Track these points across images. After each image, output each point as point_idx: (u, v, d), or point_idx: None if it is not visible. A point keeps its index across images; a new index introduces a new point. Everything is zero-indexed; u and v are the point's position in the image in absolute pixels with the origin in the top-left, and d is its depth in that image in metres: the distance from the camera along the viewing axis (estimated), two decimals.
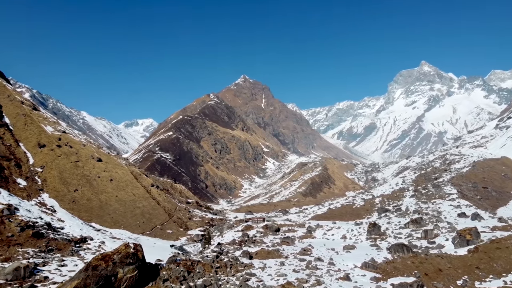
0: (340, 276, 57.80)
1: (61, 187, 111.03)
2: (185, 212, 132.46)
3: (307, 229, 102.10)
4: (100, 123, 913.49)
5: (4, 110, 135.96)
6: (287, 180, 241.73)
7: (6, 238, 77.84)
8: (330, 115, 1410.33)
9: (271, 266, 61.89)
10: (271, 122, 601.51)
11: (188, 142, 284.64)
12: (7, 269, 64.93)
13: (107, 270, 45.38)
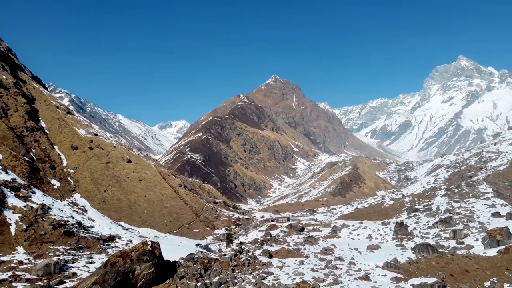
0: (359, 275, 56.89)
1: (92, 188, 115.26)
2: (212, 211, 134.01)
3: (332, 228, 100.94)
4: (135, 126, 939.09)
5: (41, 114, 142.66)
6: (317, 179, 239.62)
7: (39, 236, 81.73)
8: (363, 113, 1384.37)
9: (289, 265, 61.75)
10: (302, 122, 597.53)
11: (218, 143, 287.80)
12: (39, 265, 68.24)
13: (125, 266, 46.81)
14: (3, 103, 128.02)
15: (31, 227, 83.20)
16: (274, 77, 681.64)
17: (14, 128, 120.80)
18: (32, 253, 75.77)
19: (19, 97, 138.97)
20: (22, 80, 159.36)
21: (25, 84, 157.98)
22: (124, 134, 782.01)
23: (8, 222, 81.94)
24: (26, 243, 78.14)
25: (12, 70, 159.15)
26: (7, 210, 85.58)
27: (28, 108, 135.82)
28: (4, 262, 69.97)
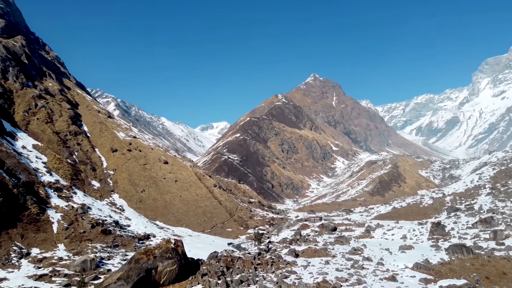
0: (386, 276, 55.45)
1: (129, 188, 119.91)
2: (246, 211, 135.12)
3: (366, 228, 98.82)
4: (178, 128, 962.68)
5: (83, 119, 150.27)
6: (355, 179, 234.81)
7: (79, 234, 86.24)
8: (408, 110, 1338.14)
9: (315, 264, 61.26)
10: (342, 120, 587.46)
11: (255, 143, 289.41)
12: (76, 262, 72.05)
13: (148, 263, 48.49)
14: (49, 109, 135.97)
15: (72, 226, 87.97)
16: (314, 76, 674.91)
17: (59, 133, 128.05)
18: (72, 250, 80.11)
19: (64, 103, 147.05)
20: (66, 87, 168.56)
21: (70, 90, 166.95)
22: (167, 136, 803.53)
23: (51, 221, 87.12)
24: (66, 240, 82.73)
25: (58, 78, 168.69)
26: (50, 209, 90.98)
27: (72, 113, 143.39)
28: (46, 258, 74.49)
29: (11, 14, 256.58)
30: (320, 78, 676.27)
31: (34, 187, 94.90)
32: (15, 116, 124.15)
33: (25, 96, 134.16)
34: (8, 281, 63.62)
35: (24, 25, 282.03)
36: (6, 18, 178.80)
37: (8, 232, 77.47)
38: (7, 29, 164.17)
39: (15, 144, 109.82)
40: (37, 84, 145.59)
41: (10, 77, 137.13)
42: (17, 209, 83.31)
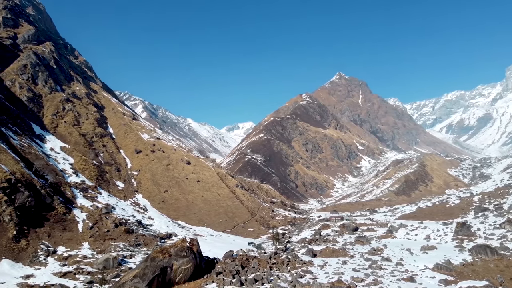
0: (404, 277, 54.38)
1: (153, 188, 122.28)
2: (268, 211, 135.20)
3: (388, 228, 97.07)
4: (204, 129, 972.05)
5: (109, 121, 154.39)
6: (380, 178, 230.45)
7: (103, 233, 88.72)
8: (437, 107, 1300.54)
9: (331, 264, 60.74)
10: (368, 119, 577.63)
11: (278, 143, 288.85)
12: (99, 260, 74.21)
13: (164, 261, 49.39)
14: (76, 112, 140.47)
15: (96, 225, 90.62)
16: (339, 74, 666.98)
17: (85, 135, 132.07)
18: (96, 249, 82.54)
19: (90, 106, 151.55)
20: (93, 90, 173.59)
21: (96, 93, 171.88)
22: (193, 137, 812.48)
23: (77, 220, 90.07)
24: (91, 239, 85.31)
25: (85, 82, 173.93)
26: (76, 209, 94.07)
27: (98, 116, 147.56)
28: (71, 256, 77.09)
29: (43, 21, 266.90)
30: (345, 77, 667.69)
31: (61, 188, 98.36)
32: (44, 119, 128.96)
33: (54, 100, 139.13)
34: (35, 277, 66.26)
35: (55, 31, 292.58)
36: (36, 26, 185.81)
37: (36, 231, 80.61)
38: (37, 36, 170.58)
39: (44, 146, 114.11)
40: (65, 88, 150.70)
41: (40, 82, 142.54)
42: (44, 209, 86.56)
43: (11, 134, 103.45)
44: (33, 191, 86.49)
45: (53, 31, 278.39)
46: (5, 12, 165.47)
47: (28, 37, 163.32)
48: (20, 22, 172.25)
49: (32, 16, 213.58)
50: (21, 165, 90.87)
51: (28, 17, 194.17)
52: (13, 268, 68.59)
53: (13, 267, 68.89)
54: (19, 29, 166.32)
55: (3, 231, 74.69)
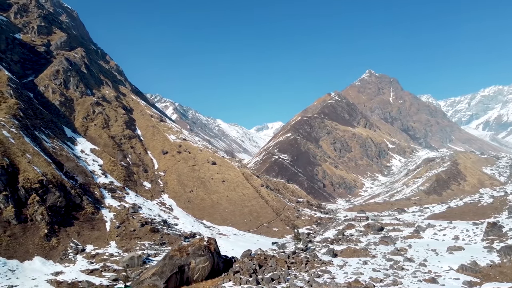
0: (426, 278, 53.05)
1: (178, 189, 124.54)
2: (294, 211, 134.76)
3: (415, 228, 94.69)
4: (233, 129, 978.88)
5: (137, 123, 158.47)
6: (411, 177, 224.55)
7: (129, 232, 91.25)
8: (474, 103, 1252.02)
9: (351, 264, 60.02)
10: (400, 117, 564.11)
11: (306, 143, 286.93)
12: (125, 258, 76.39)
13: (181, 260, 50.38)
14: (106, 115, 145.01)
15: (123, 224, 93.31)
16: (369, 72, 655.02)
17: (114, 137, 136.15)
18: (122, 247, 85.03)
19: (119, 109, 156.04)
20: (122, 93, 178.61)
21: (125, 96, 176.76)
22: (223, 137, 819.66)
23: (104, 220, 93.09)
24: (118, 238, 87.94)
25: (114, 85, 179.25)
26: (104, 209, 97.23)
27: (126, 118, 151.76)
28: (99, 254, 79.80)
29: (76, 28, 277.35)
30: (375, 74, 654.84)
31: (90, 188, 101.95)
32: (75, 122, 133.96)
33: (84, 104, 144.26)
34: (63, 274, 69.07)
35: (87, 37, 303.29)
36: (68, 32, 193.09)
37: (66, 229, 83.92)
38: (69, 42, 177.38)
39: (75, 149, 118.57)
40: (95, 92, 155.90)
41: (71, 87, 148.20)
42: (74, 208, 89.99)
43: (44, 137, 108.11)
44: (63, 191, 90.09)
45: (86, 37, 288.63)
46: (39, 21, 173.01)
47: (60, 44, 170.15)
48: (53, 29, 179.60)
49: (65, 23, 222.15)
50: (53, 167, 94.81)
51: (61, 24, 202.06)
52: (44, 265, 71.76)
53: (44, 264, 72.07)
54: (52, 36, 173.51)
55: (35, 230, 78.25)
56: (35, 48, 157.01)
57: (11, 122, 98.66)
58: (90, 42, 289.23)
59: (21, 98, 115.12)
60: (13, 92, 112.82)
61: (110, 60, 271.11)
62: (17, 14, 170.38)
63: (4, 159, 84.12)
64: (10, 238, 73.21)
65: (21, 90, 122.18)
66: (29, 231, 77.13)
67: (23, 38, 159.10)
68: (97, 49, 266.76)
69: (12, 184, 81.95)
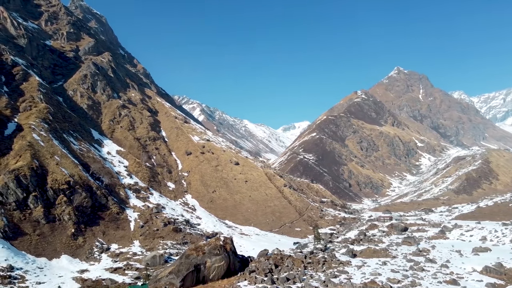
0: (446, 279, 51.55)
1: (201, 189, 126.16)
2: (317, 211, 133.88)
3: (441, 229, 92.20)
4: (260, 129, 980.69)
5: (162, 125, 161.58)
6: (440, 176, 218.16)
7: (152, 232, 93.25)
8: (509, 99, 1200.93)
9: (370, 265, 59.06)
10: (429, 114, 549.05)
11: (331, 142, 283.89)
12: (147, 257, 78.21)
13: (197, 259, 51.14)
14: (131, 117, 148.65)
15: (147, 224, 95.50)
16: (397, 69, 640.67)
17: (139, 138, 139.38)
18: (145, 246, 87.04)
19: (144, 111, 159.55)
20: (148, 96, 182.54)
21: (150, 99, 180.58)
22: (249, 138, 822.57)
23: (129, 219, 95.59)
24: (141, 237, 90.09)
25: (140, 88, 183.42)
26: (129, 209, 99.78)
27: (151, 120, 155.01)
28: (122, 253, 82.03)
29: (104, 33, 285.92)
30: (404, 71, 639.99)
31: (116, 189, 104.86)
32: (102, 125, 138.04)
33: (111, 107, 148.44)
34: (88, 272, 71.48)
35: (116, 41, 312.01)
36: (96, 38, 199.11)
37: (92, 229, 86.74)
38: (97, 47, 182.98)
39: (101, 150, 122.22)
40: (121, 95, 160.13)
41: (98, 90, 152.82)
42: (100, 208, 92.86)
43: (72, 140, 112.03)
44: (89, 192, 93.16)
45: (114, 42, 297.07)
46: (69, 27, 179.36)
47: (88, 49, 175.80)
48: (82, 35, 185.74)
49: (93, 29, 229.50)
50: (80, 168, 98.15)
51: (89, 30, 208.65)
52: (71, 263, 74.51)
53: (71, 262, 74.83)
54: (80, 42, 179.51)
55: (62, 229, 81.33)
56: (65, 54, 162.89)
57: (41, 125, 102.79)
58: (118, 47, 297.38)
59: (50, 103, 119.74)
60: (43, 97, 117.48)
61: (137, 64, 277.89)
62: (48, 22, 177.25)
63: (34, 161, 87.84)
64: (39, 237, 76.43)
65: (50, 94, 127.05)
66: (57, 230, 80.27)
67: (53, 44, 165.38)
68: (124, 53, 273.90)
69: (41, 185, 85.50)
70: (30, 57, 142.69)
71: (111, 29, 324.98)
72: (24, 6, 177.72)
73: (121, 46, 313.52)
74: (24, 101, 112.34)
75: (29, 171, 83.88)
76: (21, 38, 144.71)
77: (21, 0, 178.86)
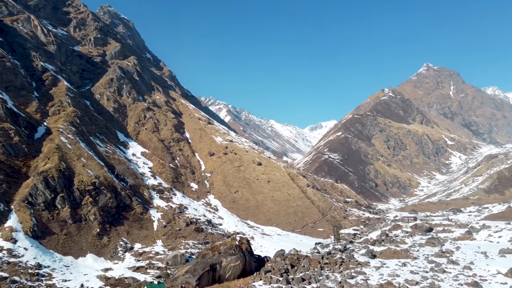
0: (468, 281, 50.14)
1: (224, 189, 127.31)
2: (341, 211, 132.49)
3: (468, 229, 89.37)
4: (286, 129, 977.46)
5: (186, 126, 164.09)
6: (470, 175, 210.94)
7: (175, 231, 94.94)
8: None
9: (389, 266, 58.07)
10: (461, 111, 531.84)
11: (357, 141, 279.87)
12: (168, 256, 79.70)
13: (213, 258, 51.82)
14: (156, 120, 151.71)
15: (169, 224, 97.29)
16: (427, 65, 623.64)
17: (163, 140, 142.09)
18: (167, 246, 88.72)
19: (169, 113, 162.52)
20: (172, 98, 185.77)
21: (175, 101, 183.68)
22: (275, 138, 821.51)
23: (152, 220, 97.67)
24: (164, 237, 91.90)
25: (165, 91, 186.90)
26: (152, 209, 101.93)
27: (176, 122, 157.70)
28: (145, 252, 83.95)
29: (131, 37, 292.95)
30: (434, 67, 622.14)
31: (140, 190, 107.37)
32: (127, 127, 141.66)
33: (136, 109, 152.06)
34: (112, 271, 73.63)
35: (143, 45, 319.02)
36: (122, 42, 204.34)
37: (117, 229, 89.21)
38: (123, 51, 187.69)
39: (127, 152, 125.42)
40: (146, 98, 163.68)
41: (124, 94, 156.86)
42: (124, 209, 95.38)
43: (98, 142, 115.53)
44: (114, 193, 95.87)
45: (141, 45, 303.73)
46: (96, 33, 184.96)
47: (114, 53, 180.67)
48: (108, 40, 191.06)
49: (120, 33, 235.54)
50: (105, 170, 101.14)
51: (116, 34, 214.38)
52: (96, 261, 76.95)
53: (96, 261, 77.29)
54: (107, 47, 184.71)
55: (88, 229, 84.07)
56: (92, 59, 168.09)
57: (69, 129, 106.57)
58: (145, 50, 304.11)
59: (78, 106, 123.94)
60: (71, 101, 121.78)
61: (163, 67, 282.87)
62: (76, 28, 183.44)
63: (61, 163, 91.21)
64: (66, 236, 79.33)
65: (78, 98, 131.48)
66: (83, 230, 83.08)
67: (81, 50, 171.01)
68: (150, 56, 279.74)
69: (68, 187, 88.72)
70: (59, 63, 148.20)
71: (138, 33, 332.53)
72: (54, 14, 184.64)
73: (148, 50, 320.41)
74: (53, 105, 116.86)
75: (57, 173, 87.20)
76: (51, 45, 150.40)
77: (51, 8, 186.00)
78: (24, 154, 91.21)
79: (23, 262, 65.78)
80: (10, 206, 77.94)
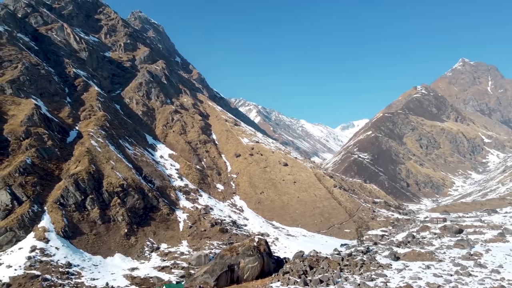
0: (495, 286, 48.35)
1: (249, 190, 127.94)
2: (369, 212, 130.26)
3: (501, 231, 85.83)
4: (317, 129, 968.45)
5: (213, 128, 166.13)
6: (508, 174, 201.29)
7: (200, 232, 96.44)
8: None
9: (412, 268, 56.83)
10: (499, 108, 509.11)
11: (387, 140, 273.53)
12: (192, 257, 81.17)
13: (231, 259, 52.43)
14: (183, 122, 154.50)
15: (195, 225, 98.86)
16: (462, 61, 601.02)
17: (190, 142, 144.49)
18: (192, 246, 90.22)
19: (196, 115, 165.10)
20: (199, 100, 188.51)
21: (202, 103, 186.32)
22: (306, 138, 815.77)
23: (178, 220, 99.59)
24: (189, 237, 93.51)
25: (192, 93, 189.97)
26: (178, 210, 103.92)
27: (202, 124, 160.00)
28: (171, 252, 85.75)
29: (162, 42, 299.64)
30: (470, 63, 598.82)
31: (166, 191, 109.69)
32: (155, 130, 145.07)
33: (164, 112, 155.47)
34: (138, 270, 75.68)
35: (173, 49, 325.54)
36: (151, 46, 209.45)
37: (144, 229, 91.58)
38: (151, 56, 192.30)
39: (154, 154, 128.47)
40: (174, 101, 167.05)
41: (153, 97, 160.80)
42: (151, 210, 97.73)
43: (127, 145, 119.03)
44: (142, 194, 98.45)
45: (171, 49, 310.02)
46: (125, 38, 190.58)
47: (143, 58, 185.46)
48: (138, 45, 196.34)
49: (149, 38, 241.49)
50: (133, 172, 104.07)
51: (145, 39, 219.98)
52: (123, 261, 79.34)
53: (123, 260, 79.69)
54: (136, 52, 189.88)
55: (116, 229, 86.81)
56: (122, 64, 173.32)
57: (99, 132, 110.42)
58: (175, 54, 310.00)
59: (108, 111, 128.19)
60: (101, 106, 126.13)
61: (193, 69, 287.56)
62: (107, 35, 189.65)
63: (91, 166, 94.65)
64: (95, 237, 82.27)
65: (108, 103, 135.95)
66: (112, 230, 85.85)
67: (112, 55, 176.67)
68: (180, 59, 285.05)
69: (98, 188, 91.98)
70: (91, 69, 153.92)
71: (167, 37, 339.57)
72: (86, 21, 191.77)
73: (178, 53, 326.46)
74: (84, 110, 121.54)
75: (87, 175, 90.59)
76: (83, 51, 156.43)
77: (83, 16, 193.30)
78: (56, 157, 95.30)
79: (55, 261, 68.76)
80: (43, 207, 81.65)
